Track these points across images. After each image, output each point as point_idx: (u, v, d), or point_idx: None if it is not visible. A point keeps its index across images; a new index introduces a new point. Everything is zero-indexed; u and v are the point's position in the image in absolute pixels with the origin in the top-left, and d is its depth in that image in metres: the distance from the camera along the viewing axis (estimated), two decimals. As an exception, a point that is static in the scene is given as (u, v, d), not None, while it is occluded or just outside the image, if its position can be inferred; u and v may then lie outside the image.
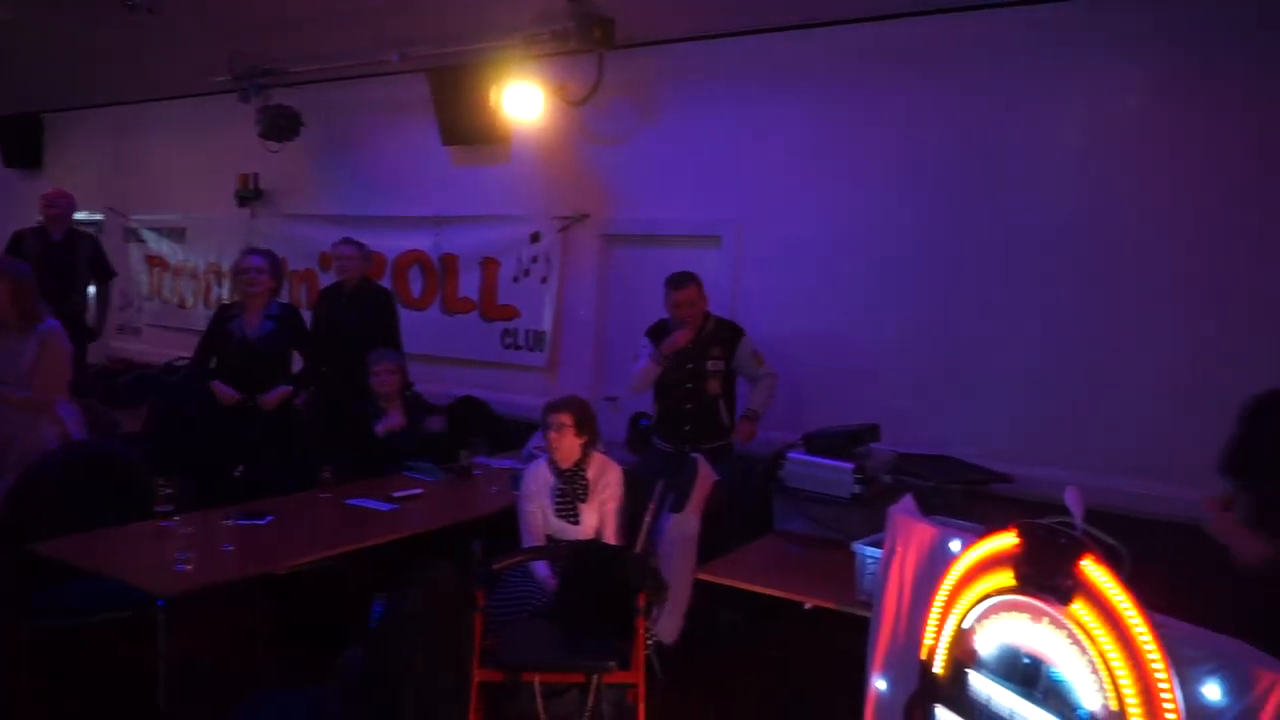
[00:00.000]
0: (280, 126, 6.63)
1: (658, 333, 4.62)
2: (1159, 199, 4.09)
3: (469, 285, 6.38)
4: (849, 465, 3.56)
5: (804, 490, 3.65)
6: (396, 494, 4.11)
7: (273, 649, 3.83)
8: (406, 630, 2.79)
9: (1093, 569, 1.86)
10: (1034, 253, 4.38)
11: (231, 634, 3.89)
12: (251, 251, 5.10)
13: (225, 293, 7.66)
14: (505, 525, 3.89)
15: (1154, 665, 1.72)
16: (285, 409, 4.91)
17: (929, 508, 3.08)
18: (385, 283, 6.60)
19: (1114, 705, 1.78)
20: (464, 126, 6.03)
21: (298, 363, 5.21)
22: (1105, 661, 1.80)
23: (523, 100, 5.43)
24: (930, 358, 4.62)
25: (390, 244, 6.64)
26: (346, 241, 5.52)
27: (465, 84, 5.86)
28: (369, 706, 2.81)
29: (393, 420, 4.69)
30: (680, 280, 4.48)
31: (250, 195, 7.57)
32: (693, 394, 4.50)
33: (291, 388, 4.91)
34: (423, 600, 2.84)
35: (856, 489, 3.52)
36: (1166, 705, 1.69)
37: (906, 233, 4.71)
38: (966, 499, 3.84)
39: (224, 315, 5.02)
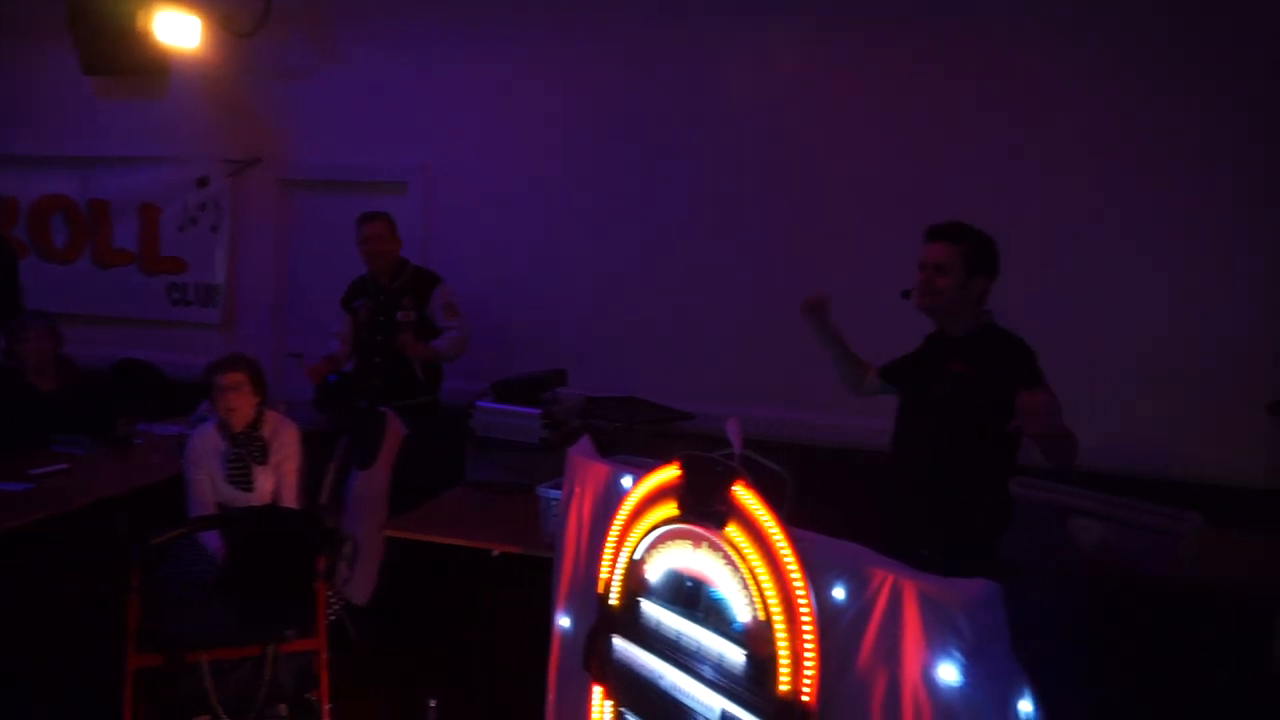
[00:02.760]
0: None
1: (350, 296, 4.42)
2: (825, 149, 4.44)
3: (126, 235, 5.73)
4: (536, 411, 3.59)
5: (494, 438, 3.64)
6: (34, 471, 3.60)
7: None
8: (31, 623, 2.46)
9: (743, 494, 1.99)
10: (709, 203, 4.63)
11: None
12: None
13: None
14: (172, 497, 3.56)
15: (793, 576, 1.88)
16: None
17: (617, 448, 3.19)
18: (19, 232, 5.76)
19: (761, 616, 1.92)
20: (109, 55, 5.32)
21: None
22: (754, 577, 1.94)
23: (178, 28, 4.88)
24: (618, 303, 4.78)
25: (25, 187, 5.82)
26: None
27: (108, 5, 5.16)
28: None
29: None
30: (369, 215, 4.35)
31: None
32: (383, 347, 4.33)
33: None
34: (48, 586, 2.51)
35: (544, 434, 3.56)
36: (803, 610, 1.86)
37: (593, 182, 4.80)
38: (652, 438, 4.01)
39: None
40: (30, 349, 4.12)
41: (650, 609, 2.24)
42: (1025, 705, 1.65)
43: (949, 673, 1.65)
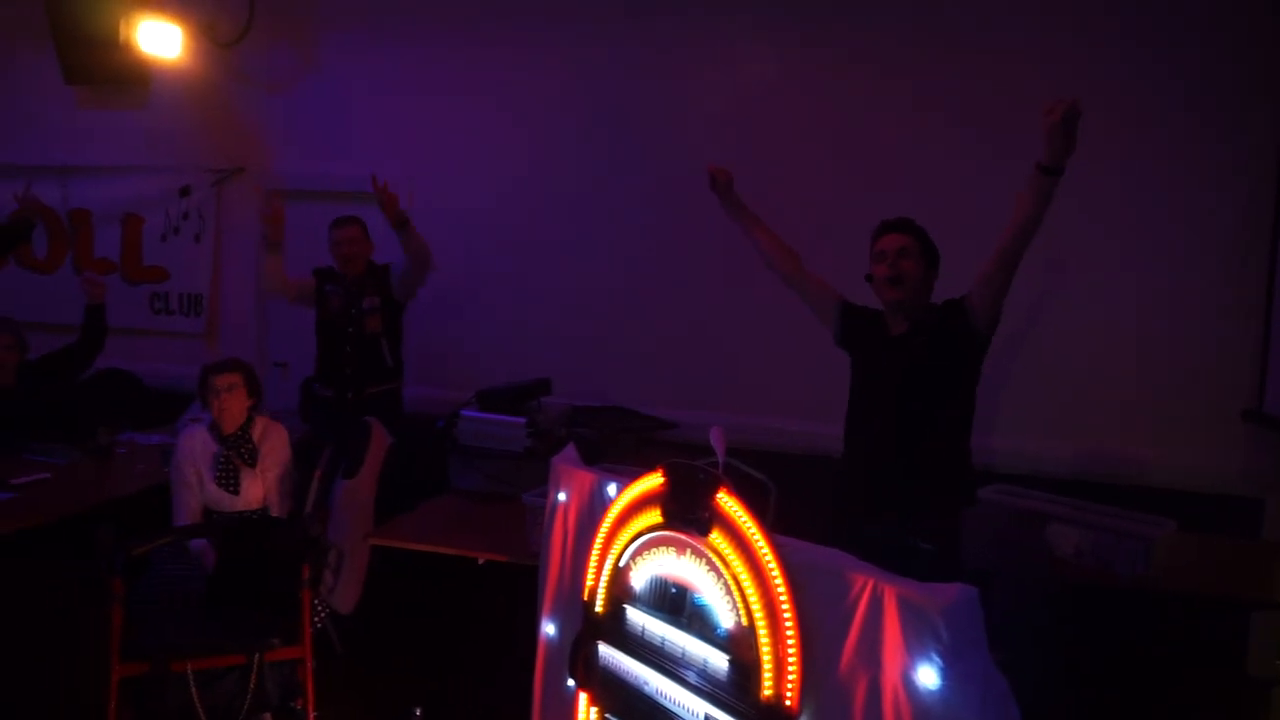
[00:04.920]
0: None
1: (321, 280, 4.49)
2: (794, 160, 4.48)
3: (107, 244, 5.72)
4: (521, 420, 3.61)
5: (478, 447, 3.66)
6: (16, 481, 3.59)
7: None
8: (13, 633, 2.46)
9: (726, 501, 2.02)
10: (693, 212, 4.64)
11: None
12: None
13: None
14: (154, 507, 3.56)
15: (775, 582, 1.90)
16: None
17: (603, 456, 3.21)
18: (-1, 241, 5.72)
19: (745, 622, 1.95)
20: (91, 64, 5.32)
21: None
22: (737, 584, 1.97)
23: (160, 38, 4.88)
24: (603, 313, 4.80)
25: (4, 196, 5.77)
26: None
27: (90, 14, 5.16)
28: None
29: None
30: (343, 219, 4.43)
31: None
32: (353, 336, 4.39)
33: None
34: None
35: (529, 443, 3.58)
36: (785, 616, 1.88)
37: (579, 191, 4.82)
38: (637, 446, 4.03)
39: None
40: None
41: (635, 615, 2.26)
42: (1003, 707, 1.68)
43: (928, 676, 1.68)
